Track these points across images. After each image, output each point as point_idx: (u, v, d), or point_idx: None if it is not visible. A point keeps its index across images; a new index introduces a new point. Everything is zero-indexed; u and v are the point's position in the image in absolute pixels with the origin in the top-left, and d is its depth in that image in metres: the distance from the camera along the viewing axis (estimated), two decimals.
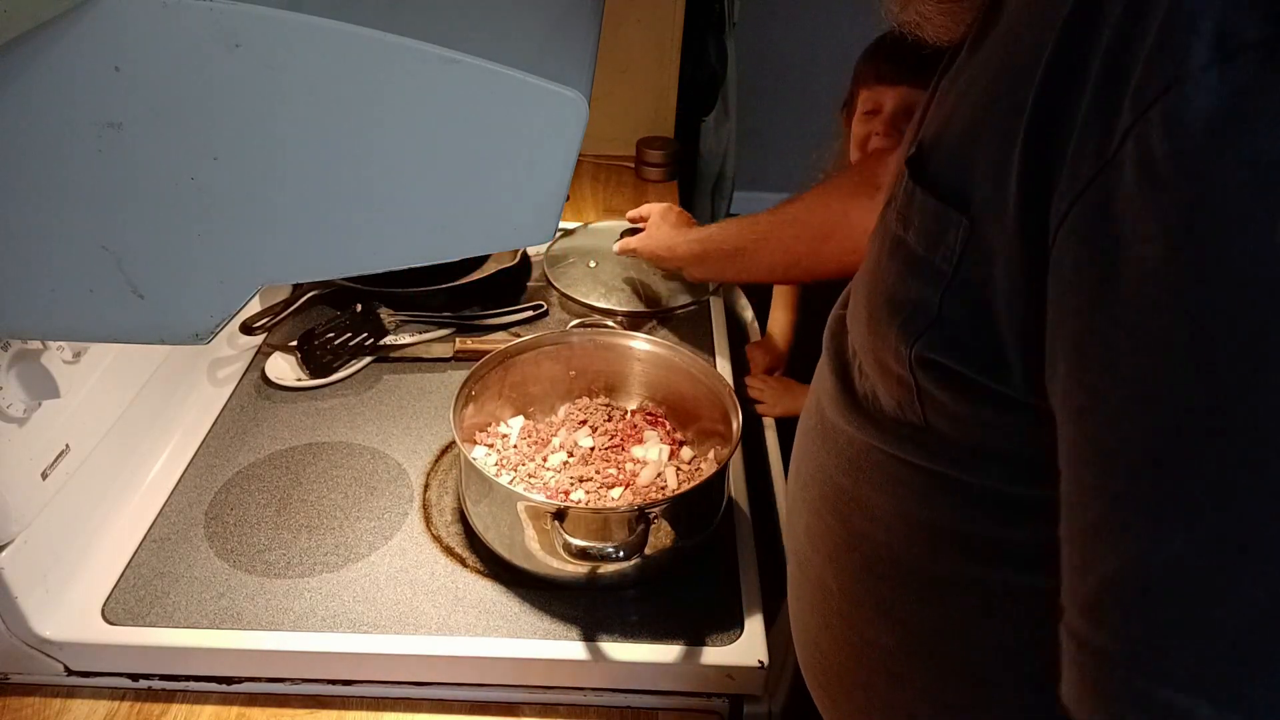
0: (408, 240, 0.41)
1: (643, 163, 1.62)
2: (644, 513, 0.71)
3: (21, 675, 0.73)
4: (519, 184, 0.40)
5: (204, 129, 0.37)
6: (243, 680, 0.73)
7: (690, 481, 0.83)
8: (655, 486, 0.84)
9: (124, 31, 0.34)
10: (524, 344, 0.91)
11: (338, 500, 0.86)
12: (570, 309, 1.18)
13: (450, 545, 0.82)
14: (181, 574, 0.77)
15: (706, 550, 0.82)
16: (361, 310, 1.09)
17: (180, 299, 0.41)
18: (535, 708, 0.73)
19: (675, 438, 0.90)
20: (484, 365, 0.87)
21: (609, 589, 0.78)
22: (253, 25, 0.35)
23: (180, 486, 0.87)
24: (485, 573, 0.79)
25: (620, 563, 0.71)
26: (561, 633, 0.74)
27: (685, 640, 0.73)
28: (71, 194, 0.38)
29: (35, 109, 0.36)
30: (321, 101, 0.37)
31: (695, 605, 0.77)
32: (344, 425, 0.96)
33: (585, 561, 0.71)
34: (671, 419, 0.92)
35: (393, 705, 0.73)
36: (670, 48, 1.66)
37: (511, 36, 0.43)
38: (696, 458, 0.88)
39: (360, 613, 0.75)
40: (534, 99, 0.38)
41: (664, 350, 0.92)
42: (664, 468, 0.85)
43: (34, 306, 0.41)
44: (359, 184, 0.39)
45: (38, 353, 0.68)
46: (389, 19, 0.37)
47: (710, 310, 1.18)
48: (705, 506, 0.80)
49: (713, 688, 0.74)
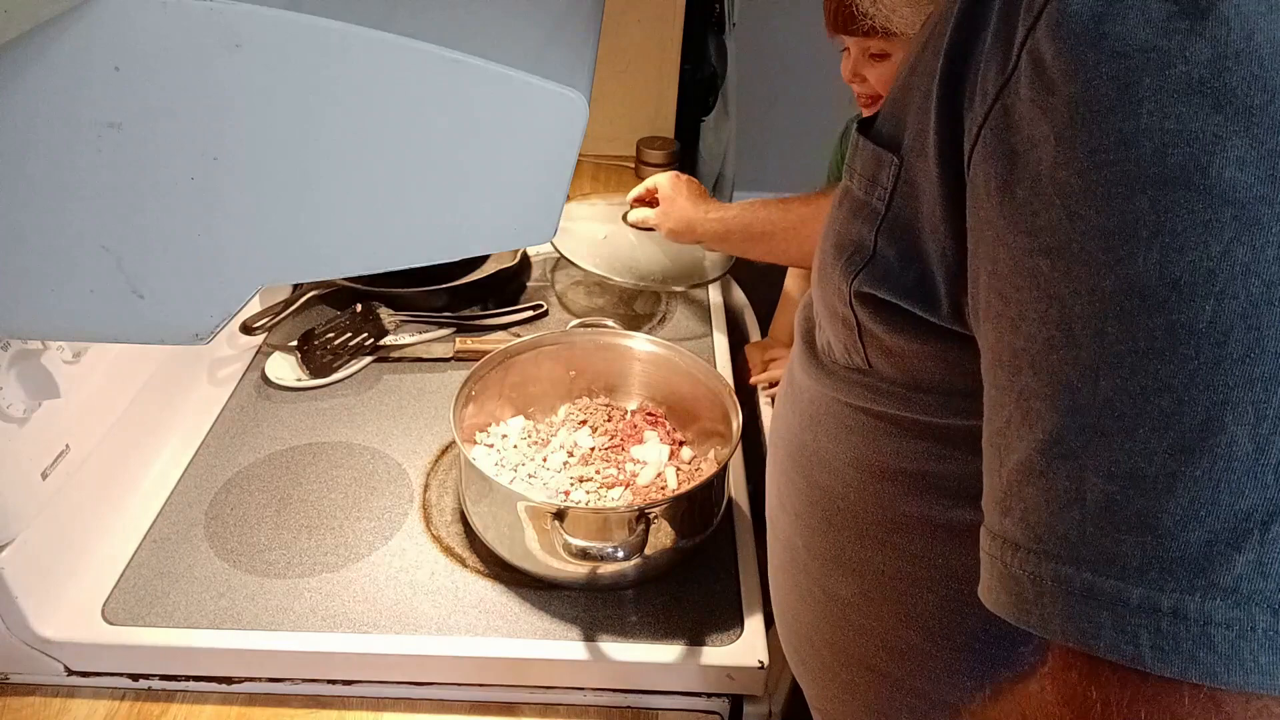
0: (408, 240, 0.41)
1: (643, 163, 1.63)
2: (644, 513, 0.71)
3: (21, 675, 0.73)
4: (519, 184, 0.40)
5: (204, 129, 0.37)
6: (243, 680, 0.73)
7: (690, 482, 0.83)
8: (655, 486, 0.84)
9: (124, 31, 0.34)
10: (524, 344, 0.91)
11: (338, 500, 0.86)
12: (570, 308, 1.18)
13: (450, 545, 0.82)
14: (181, 574, 0.77)
15: (706, 550, 0.82)
16: (361, 310, 1.09)
17: (180, 299, 0.41)
18: (535, 708, 0.74)
19: (675, 438, 0.90)
20: (484, 365, 0.87)
21: (609, 589, 0.78)
22: (253, 25, 0.35)
23: (180, 486, 0.87)
24: (485, 573, 0.79)
25: (621, 563, 0.71)
26: (561, 633, 0.74)
27: (685, 640, 0.73)
28: (71, 194, 0.38)
29: (35, 109, 0.36)
30: (322, 101, 0.37)
31: (695, 605, 0.77)
32: (344, 425, 0.96)
33: (586, 561, 0.71)
34: (671, 419, 0.92)
35: (393, 705, 0.73)
36: (670, 48, 1.66)
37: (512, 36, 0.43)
38: (696, 458, 0.88)
39: (360, 613, 0.75)
40: (534, 99, 0.38)
41: (664, 350, 0.92)
42: (664, 468, 0.85)
43: (34, 306, 0.41)
44: (359, 184, 0.39)
45: (38, 353, 0.68)
46: (389, 19, 0.37)
47: (710, 311, 1.18)
48: (705, 506, 0.80)
49: (713, 688, 0.74)
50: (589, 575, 0.76)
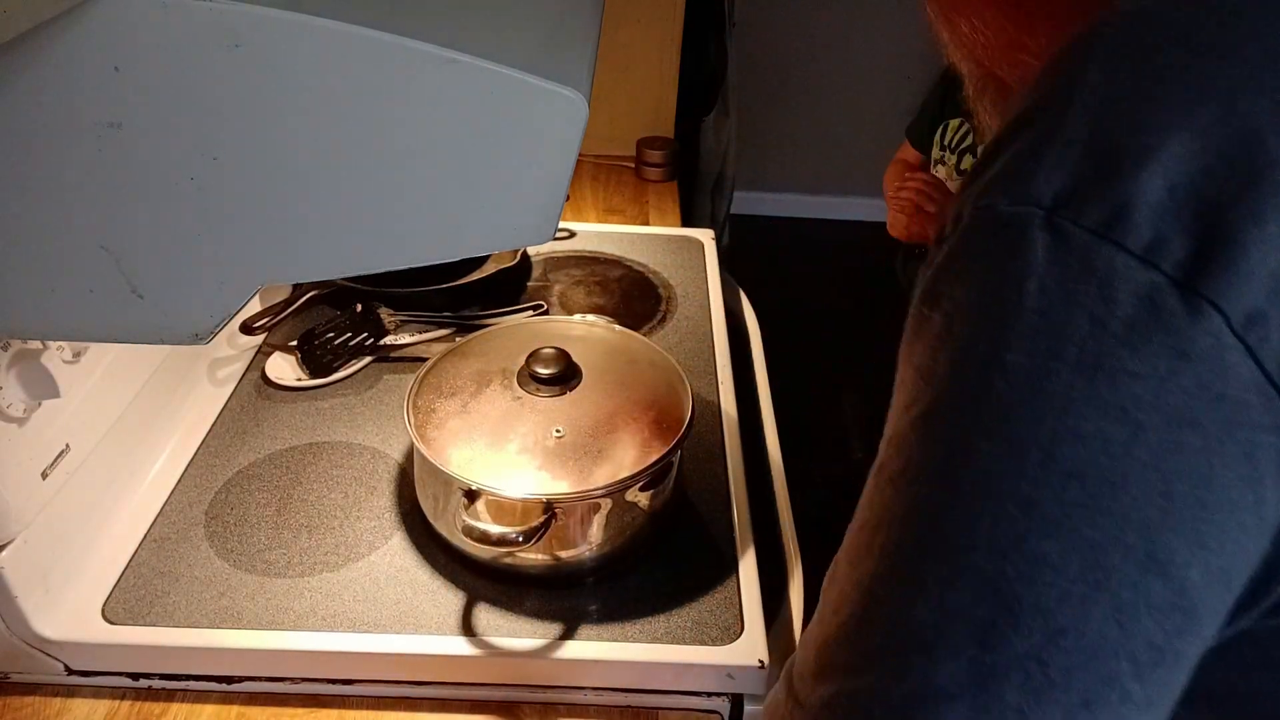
0: (408, 240, 0.41)
1: (643, 163, 1.63)
2: (549, 504, 0.71)
3: (21, 675, 0.73)
4: (519, 184, 0.40)
5: (204, 129, 0.37)
6: (243, 680, 0.73)
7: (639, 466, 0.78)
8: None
9: (124, 31, 0.34)
10: (466, 342, 0.88)
11: (338, 500, 0.86)
12: (570, 308, 1.18)
13: (451, 545, 0.82)
14: (181, 574, 0.77)
15: (707, 550, 0.82)
16: (361, 310, 1.09)
17: (180, 299, 0.41)
18: (535, 708, 0.74)
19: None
20: (429, 370, 0.84)
21: (608, 589, 0.78)
22: (253, 25, 0.35)
23: (180, 486, 0.87)
24: (486, 573, 0.79)
25: (518, 547, 0.71)
26: (561, 632, 0.74)
27: (685, 640, 0.73)
28: (71, 194, 0.38)
29: (35, 109, 0.36)
30: (322, 101, 0.37)
31: (695, 605, 0.77)
32: (344, 425, 0.96)
33: (486, 546, 0.72)
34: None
35: (393, 705, 0.73)
36: (670, 48, 1.66)
37: (511, 36, 0.43)
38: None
39: (360, 613, 0.75)
40: (534, 99, 0.38)
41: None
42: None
43: (34, 306, 0.41)
44: (359, 184, 0.39)
45: (38, 353, 0.68)
46: (389, 19, 0.37)
47: (711, 312, 1.18)
48: (660, 493, 0.79)
49: (713, 688, 0.74)
50: (589, 576, 0.76)
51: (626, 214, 1.53)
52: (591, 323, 0.94)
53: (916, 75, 3.08)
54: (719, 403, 1.01)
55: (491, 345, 0.88)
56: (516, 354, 0.83)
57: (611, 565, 0.78)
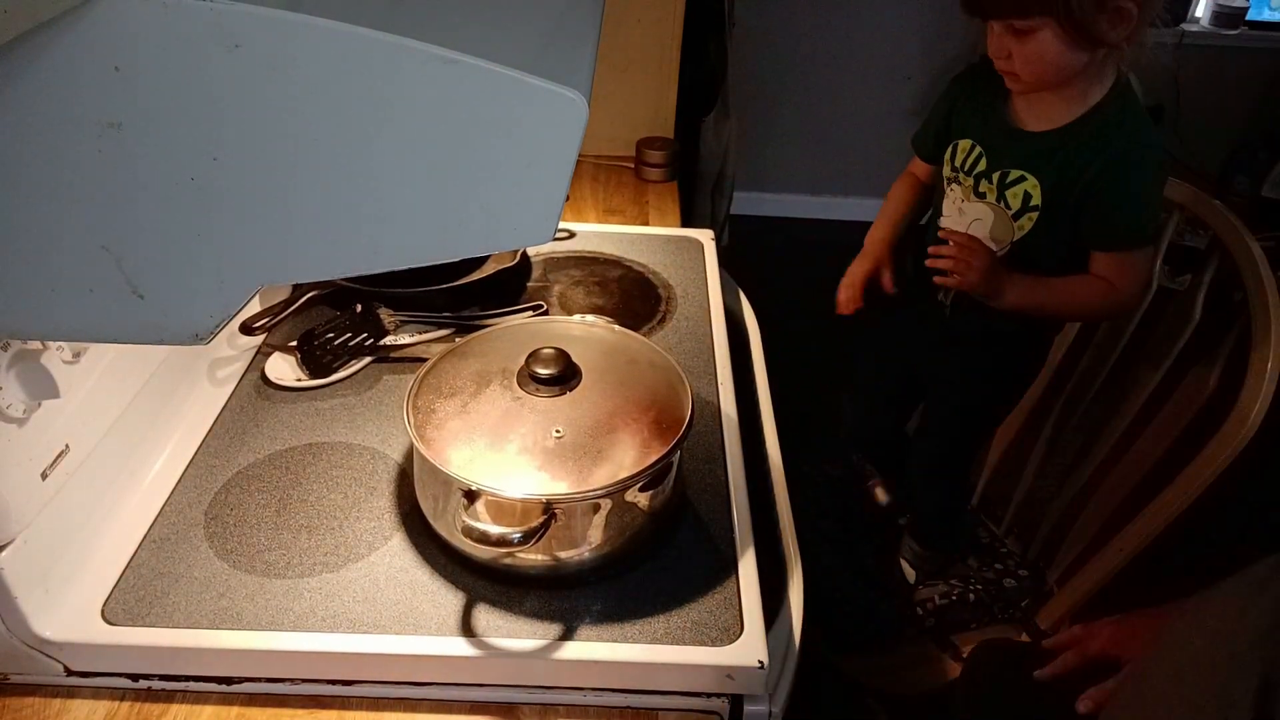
0: (408, 240, 0.41)
1: (643, 163, 1.63)
2: (549, 504, 0.71)
3: (21, 675, 0.73)
4: (519, 184, 0.40)
5: (204, 129, 0.37)
6: (242, 680, 0.73)
7: (639, 466, 0.78)
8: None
9: (124, 31, 0.34)
10: (466, 342, 0.88)
11: (338, 500, 0.86)
12: (570, 308, 1.18)
13: (451, 545, 0.82)
14: (181, 574, 0.77)
15: (707, 550, 0.82)
16: (361, 310, 1.09)
17: (180, 299, 0.41)
18: (535, 708, 0.74)
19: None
20: (429, 369, 0.84)
21: (608, 589, 0.78)
22: (253, 25, 0.35)
23: (180, 486, 0.87)
24: (485, 573, 0.79)
25: (518, 547, 0.71)
26: (561, 633, 0.74)
27: (685, 640, 0.73)
28: (72, 194, 0.38)
29: (35, 109, 0.36)
30: (321, 102, 0.37)
31: (695, 606, 0.77)
32: (344, 425, 0.96)
33: (486, 547, 0.71)
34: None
35: (393, 705, 0.73)
36: (670, 48, 1.66)
37: (511, 37, 0.43)
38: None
39: (360, 613, 0.75)
40: (534, 99, 0.38)
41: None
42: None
43: (34, 306, 0.41)
44: (359, 184, 0.39)
45: (38, 353, 0.68)
46: (389, 19, 0.37)
47: (710, 312, 1.18)
48: (660, 494, 0.79)
49: (713, 688, 0.74)
50: (589, 576, 0.76)
51: (626, 214, 1.53)
52: (591, 323, 0.94)
53: (916, 75, 3.09)
54: (718, 403, 1.01)
55: (491, 345, 0.88)
56: (516, 354, 0.83)
57: (611, 565, 0.79)
